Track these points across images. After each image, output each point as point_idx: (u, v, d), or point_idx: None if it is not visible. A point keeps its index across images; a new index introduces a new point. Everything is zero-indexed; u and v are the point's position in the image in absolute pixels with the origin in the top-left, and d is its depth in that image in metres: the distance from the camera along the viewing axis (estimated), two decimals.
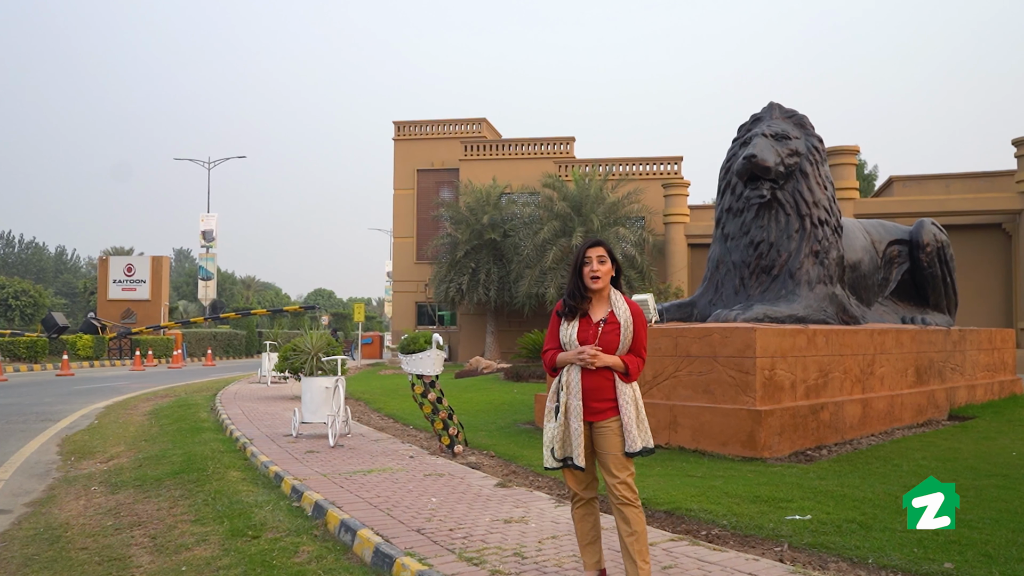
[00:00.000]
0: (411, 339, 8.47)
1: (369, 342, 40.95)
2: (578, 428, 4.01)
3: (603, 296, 4.17)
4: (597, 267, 4.10)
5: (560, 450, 4.07)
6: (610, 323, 4.08)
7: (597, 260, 4.12)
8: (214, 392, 17.39)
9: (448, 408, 8.65)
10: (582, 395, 4.03)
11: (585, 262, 4.14)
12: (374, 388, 18.39)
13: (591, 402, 4.04)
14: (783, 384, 9.27)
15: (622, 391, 4.04)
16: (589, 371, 4.04)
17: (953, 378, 12.65)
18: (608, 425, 4.04)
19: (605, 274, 4.12)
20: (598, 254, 4.14)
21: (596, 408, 4.04)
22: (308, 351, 10.19)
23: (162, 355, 37.57)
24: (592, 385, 4.04)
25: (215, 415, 12.83)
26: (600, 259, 4.13)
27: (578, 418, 4.02)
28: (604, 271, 4.12)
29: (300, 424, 9.88)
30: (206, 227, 48.64)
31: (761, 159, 10.85)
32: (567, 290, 4.21)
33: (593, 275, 4.10)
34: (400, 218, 36.77)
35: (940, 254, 13.52)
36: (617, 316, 4.10)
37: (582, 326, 4.09)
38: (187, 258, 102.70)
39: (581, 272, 4.14)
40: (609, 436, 4.03)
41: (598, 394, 4.04)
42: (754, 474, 7.73)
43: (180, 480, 7.69)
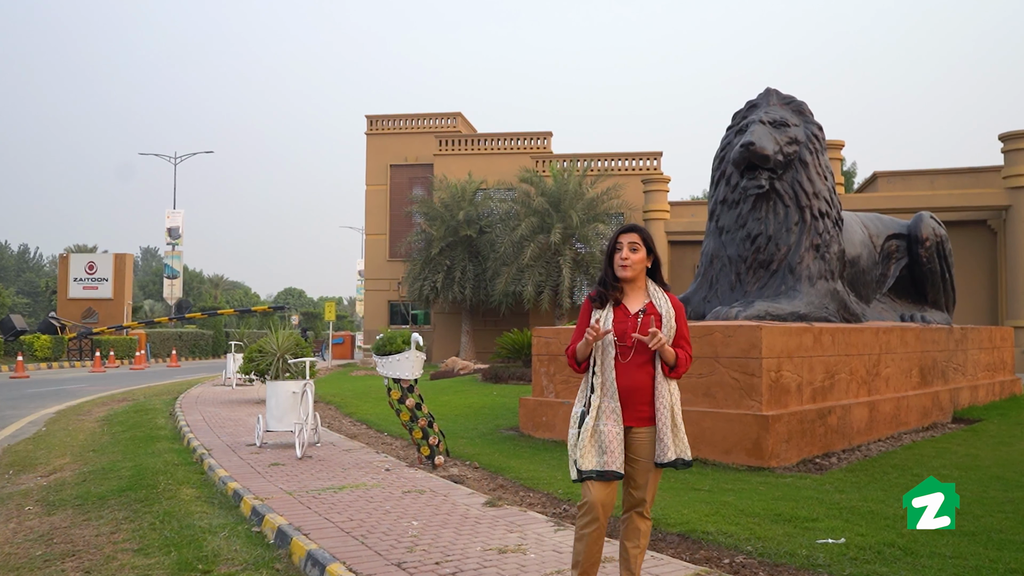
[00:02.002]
0: (387, 339, 7.64)
1: (340, 342, 39.91)
2: (618, 433, 3.61)
3: (638, 287, 3.83)
4: (628, 255, 3.75)
5: (589, 460, 3.59)
6: (649, 314, 3.74)
7: (628, 247, 3.77)
8: (175, 396, 16.40)
9: (428, 415, 7.85)
10: (623, 394, 3.65)
11: (617, 248, 3.81)
12: (345, 391, 17.52)
13: (633, 404, 3.66)
14: (789, 387, 8.60)
15: (661, 391, 3.67)
16: (627, 368, 3.67)
17: (956, 379, 12.10)
18: (645, 431, 3.69)
19: (636, 263, 3.77)
20: (630, 240, 3.79)
21: (637, 412, 3.67)
22: (273, 353, 9.32)
23: (124, 356, 36.24)
24: (630, 384, 3.66)
25: (173, 421, 11.90)
26: (632, 246, 3.78)
27: (618, 422, 3.62)
28: (635, 260, 3.76)
29: (264, 432, 9.02)
30: (172, 224, 47.26)
31: (760, 147, 10.21)
32: (599, 277, 3.90)
33: (622, 263, 3.75)
34: (372, 215, 35.82)
35: (939, 249, 12.97)
36: (658, 307, 3.77)
37: (618, 316, 3.74)
38: (155, 256, 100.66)
39: (612, 259, 3.81)
40: (643, 443, 3.68)
41: (638, 396, 3.68)
42: (766, 487, 7.04)
43: (126, 499, 6.81)
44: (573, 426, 3.72)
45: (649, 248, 3.82)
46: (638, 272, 3.78)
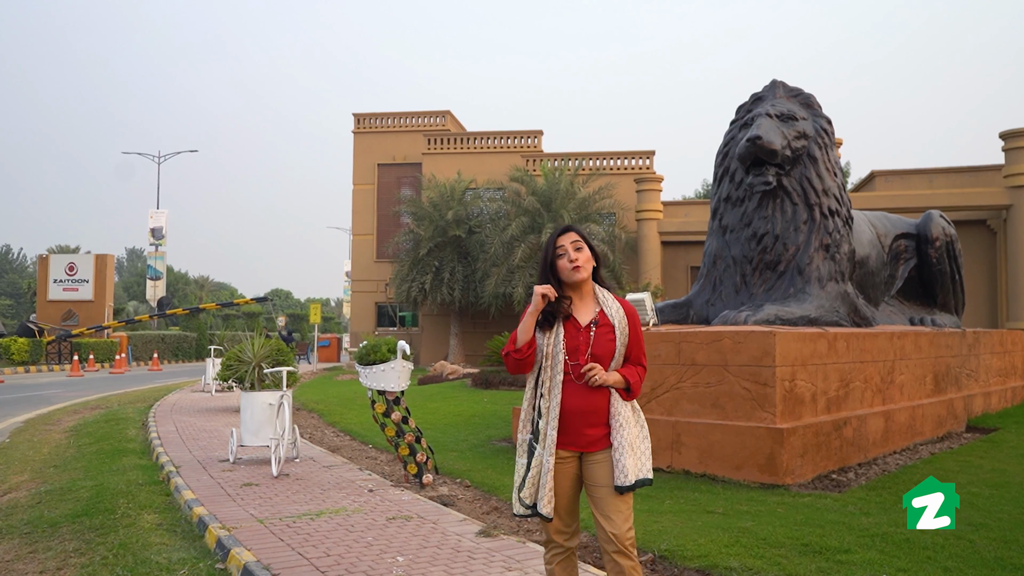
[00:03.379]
0: (371, 347, 6.99)
1: (326, 344, 39.15)
2: (547, 465, 3.25)
3: (586, 293, 3.44)
4: (575, 255, 3.37)
5: (530, 494, 3.32)
6: (603, 325, 3.35)
7: (572, 247, 3.39)
8: (151, 403, 15.67)
9: (415, 430, 7.21)
10: (570, 419, 3.27)
11: (559, 254, 3.40)
12: (330, 397, 16.84)
13: (583, 428, 3.28)
14: (804, 397, 8.02)
15: (617, 411, 3.29)
16: (577, 389, 3.28)
17: (969, 385, 11.56)
18: (601, 455, 3.30)
19: (586, 262, 3.40)
20: (572, 240, 3.41)
21: (589, 436, 3.28)
22: (249, 361, 8.66)
23: (105, 359, 35.31)
24: (581, 406, 3.27)
25: (145, 433, 11.21)
26: (576, 246, 3.40)
27: (551, 452, 3.26)
28: (584, 259, 3.39)
29: (238, 447, 8.36)
30: (155, 224, 46.36)
31: (767, 141, 9.65)
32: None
33: (573, 263, 3.35)
34: (360, 215, 35.10)
35: (949, 249, 12.45)
36: (609, 316, 3.37)
37: (568, 331, 3.34)
38: (140, 257, 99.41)
39: (555, 267, 3.41)
40: (601, 467, 3.29)
41: (591, 418, 3.28)
42: (784, 508, 6.45)
43: (80, 526, 6.14)
44: (521, 455, 3.39)
45: (590, 246, 3.46)
46: (589, 272, 3.41)
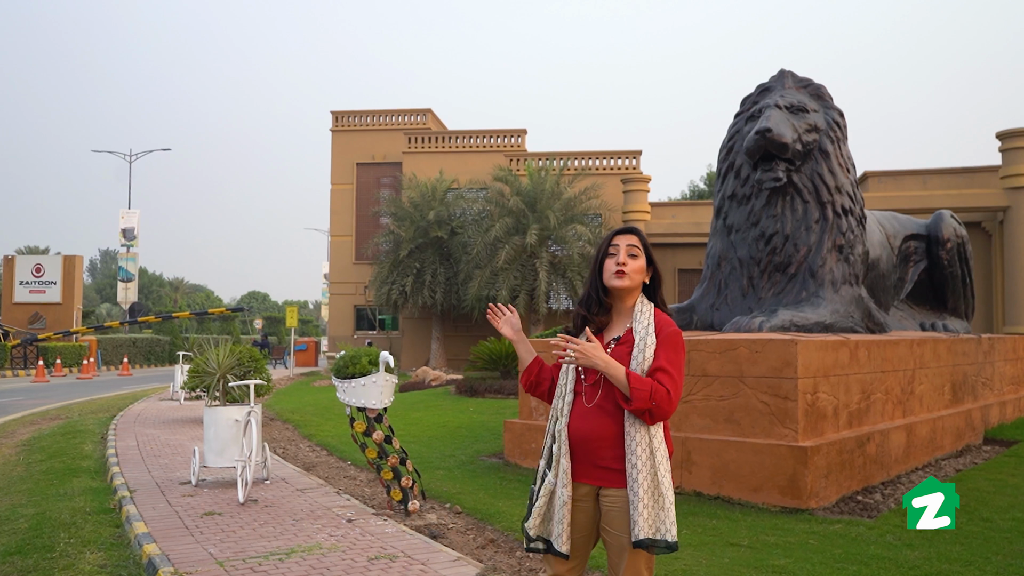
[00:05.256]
0: (350, 359, 6.19)
1: (303, 348, 38.14)
2: (564, 497, 2.80)
3: (627, 308, 2.96)
4: (625, 259, 2.91)
5: (537, 527, 2.87)
6: (623, 343, 2.91)
7: (626, 251, 2.93)
8: (115, 413, 14.73)
9: (400, 451, 6.42)
10: (579, 446, 2.83)
11: (610, 253, 2.95)
12: (306, 405, 15.97)
13: (594, 458, 2.81)
14: (826, 411, 7.33)
15: (633, 442, 2.76)
16: (586, 411, 2.83)
17: (984, 394, 10.95)
18: (615, 494, 2.80)
19: (635, 272, 2.93)
20: (629, 243, 2.95)
21: (604, 465, 2.81)
22: (213, 372, 7.81)
23: (72, 363, 34.09)
24: (588, 432, 2.81)
25: (103, 447, 10.31)
26: (631, 251, 2.94)
27: (565, 483, 2.81)
28: (634, 267, 2.93)
29: (201, 468, 7.51)
30: (127, 225, 45.19)
31: (777, 134, 8.98)
32: (582, 296, 3.02)
33: (618, 267, 2.90)
34: (338, 215, 34.18)
35: (961, 251, 11.86)
36: (634, 332, 2.89)
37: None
38: (113, 259, 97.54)
39: (602, 267, 2.96)
40: (613, 509, 2.80)
41: (600, 446, 2.81)
42: (816, 540, 5.73)
43: (10, 568, 5.29)
44: (535, 482, 2.96)
45: (650, 258, 3.00)
46: (635, 284, 2.94)
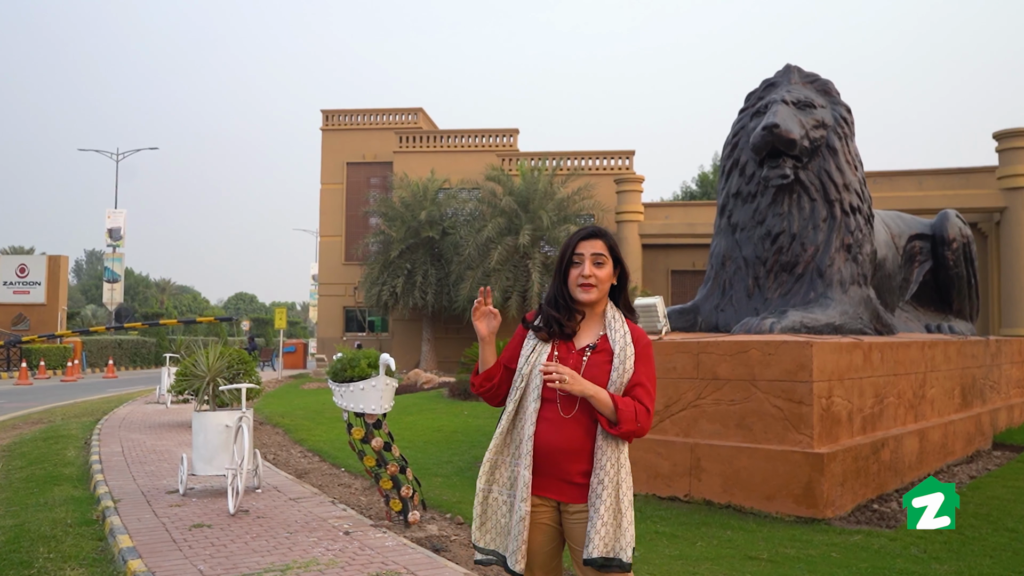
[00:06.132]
0: (348, 361, 5.87)
1: (292, 350, 37.68)
2: (521, 512, 2.61)
3: (597, 314, 2.83)
4: (591, 270, 2.77)
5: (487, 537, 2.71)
6: (600, 351, 2.75)
7: (592, 260, 2.78)
8: (99, 417, 14.33)
9: (400, 459, 6.11)
10: (545, 459, 2.65)
11: (574, 261, 2.80)
12: (296, 409, 15.61)
13: (560, 472, 2.65)
14: (840, 416, 7.07)
15: (603, 452, 2.62)
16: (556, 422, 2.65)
17: (992, 398, 10.74)
18: (581, 510, 2.66)
19: (602, 281, 2.79)
20: (594, 250, 2.79)
21: (567, 483, 2.66)
22: (202, 376, 7.47)
23: (57, 366, 33.53)
24: (558, 443, 2.65)
25: (86, 453, 9.94)
26: (596, 259, 2.79)
27: (523, 497, 2.62)
28: (602, 276, 2.79)
29: (189, 476, 7.18)
30: (113, 225, 44.51)
31: (785, 129, 8.74)
32: (549, 296, 2.85)
33: (584, 280, 2.76)
34: (328, 215, 33.79)
35: (966, 252, 11.66)
36: (611, 341, 2.75)
37: (560, 352, 2.76)
38: (100, 260, 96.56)
39: (567, 275, 2.81)
40: (580, 525, 2.66)
41: (569, 460, 2.65)
42: (839, 552, 5.47)
43: None
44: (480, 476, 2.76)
45: (616, 259, 2.83)
46: (603, 294, 2.81)
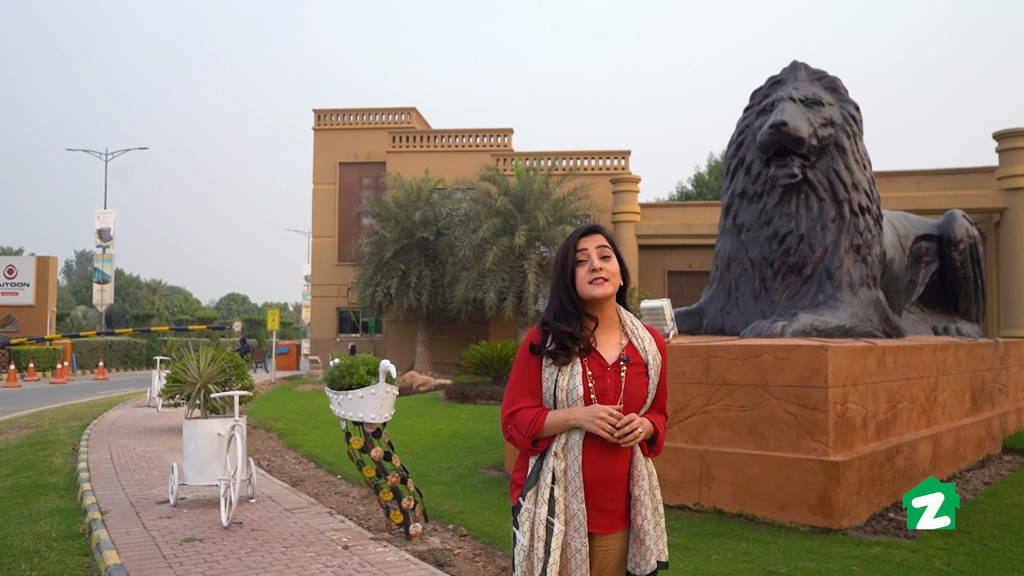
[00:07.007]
0: (346, 368, 5.62)
1: (285, 352, 37.36)
2: (582, 548, 2.44)
3: (610, 318, 2.61)
4: (600, 264, 2.54)
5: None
6: (635, 363, 2.54)
7: (598, 254, 2.56)
8: (88, 421, 14.02)
9: (401, 469, 5.85)
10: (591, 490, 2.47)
11: (579, 260, 2.57)
12: (290, 412, 15.33)
13: (603, 502, 2.49)
14: (855, 422, 6.85)
15: (639, 475, 2.51)
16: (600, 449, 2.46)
17: (1001, 401, 10.55)
18: (614, 538, 2.53)
19: (613, 274, 2.56)
20: (598, 244, 2.58)
21: (607, 512, 2.50)
22: (193, 382, 7.20)
23: (46, 367, 33.13)
24: (604, 474, 2.48)
25: (74, 461, 9.65)
26: (602, 252, 2.57)
27: (581, 532, 2.44)
28: (611, 270, 2.56)
29: (180, 486, 6.90)
30: (102, 225, 44.08)
31: (793, 127, 8.53)
32: (551, 310, 2.58)
33: (596, 274, 2.52)
34: (320, 216, 33.47)
35: (973, 253, 11.47)
36: (641, 351, 2.56)
37: (593, 370, 2.49)
38: (90, 260, 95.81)
39: (574, 277, 2.56)
40: (609, 554, 2.53)
41: (610, 490, 2.50)
42: (860, 566, 5.24)
43: None
44: (524, 530, 2.49)
45: (619, 257, 2.64)
46: (616, 289, 2.60)
